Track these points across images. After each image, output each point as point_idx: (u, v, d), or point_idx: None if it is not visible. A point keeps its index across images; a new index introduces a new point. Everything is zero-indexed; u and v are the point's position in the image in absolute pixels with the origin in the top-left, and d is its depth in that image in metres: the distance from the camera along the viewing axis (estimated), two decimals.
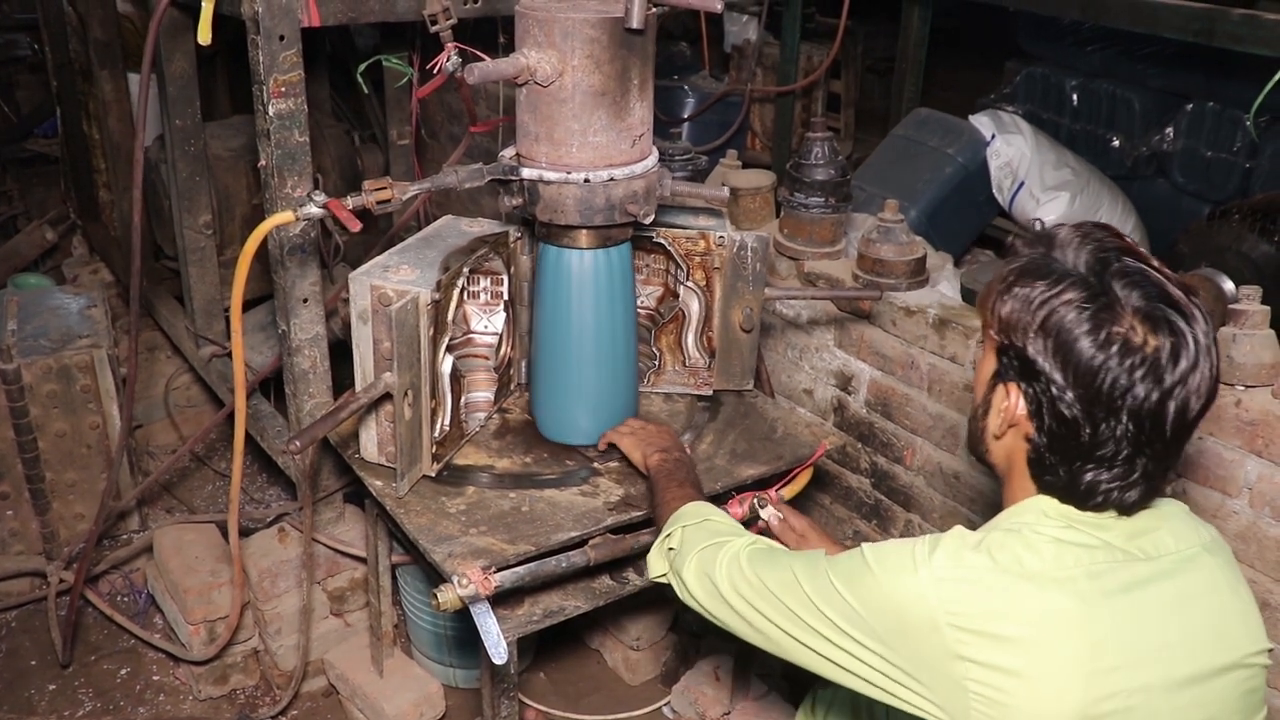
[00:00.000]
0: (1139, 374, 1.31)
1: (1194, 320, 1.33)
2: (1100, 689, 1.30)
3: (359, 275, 2.07)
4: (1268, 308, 2.13)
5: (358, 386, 2.11)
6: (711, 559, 1.64)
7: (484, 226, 2.35)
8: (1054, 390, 1.35)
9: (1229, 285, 2.96)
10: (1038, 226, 1.46)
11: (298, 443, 1.96)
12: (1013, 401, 1.42)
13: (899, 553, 1.41)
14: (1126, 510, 1.41)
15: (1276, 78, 2.77)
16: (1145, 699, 1.32)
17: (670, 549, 1.76)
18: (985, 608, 1.33)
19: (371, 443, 2.18)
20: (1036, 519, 1.42)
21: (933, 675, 1.34)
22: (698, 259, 2.38)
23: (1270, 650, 1.45)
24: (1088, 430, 1.34)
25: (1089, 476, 1.37)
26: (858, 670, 1.41)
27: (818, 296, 2.69)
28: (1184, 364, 1.31)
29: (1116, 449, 1.34)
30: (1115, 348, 1.30)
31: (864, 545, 1.46)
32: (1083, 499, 1.40)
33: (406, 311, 2.01)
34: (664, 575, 1.77)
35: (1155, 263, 1.38)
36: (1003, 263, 1.47)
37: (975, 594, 1.34)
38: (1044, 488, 1.44)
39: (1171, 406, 1.32)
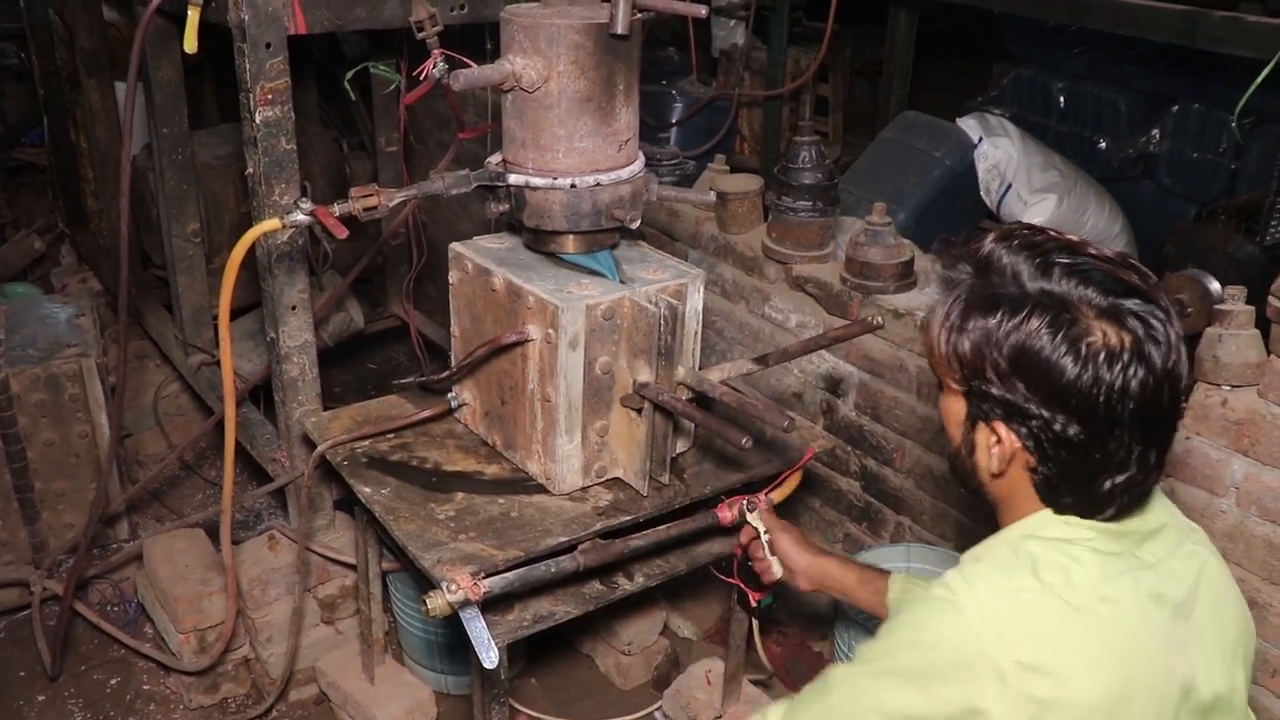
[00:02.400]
0: (1130, 372, 1.25)
1: (1152, 298, 1.28)
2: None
3: (574, 301, 1.98)
4: (1252, 308, 2.14)
5: (563, 422, 2.07)
6: None
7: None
8: (1056, 426, 1.28)
9: (1215, 285, 2.98)
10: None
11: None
12: (1005, 439, 1.34)
13: (931, 598, 1.33)
14: (1139, 503, 1.37)
15: (1259, 79, 2.78)
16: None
17: None
18: (1042, 639, 1.26)
19: (574, 465, 2.14)
20: (1064, 530, 1.35)
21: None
22: None
23: None
24: (1097, 451, 1.29)
25: (1105, 486, 1.31)
26: None
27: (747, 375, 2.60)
28: (1162, 345, 1.27)
29: (1128, 453, 1.29)
30: (1101, 358, 1.24)
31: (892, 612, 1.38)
32: (1100, 508, 1.34)
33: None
34: None
35: (1092, 249, 1.32)
36: (939, 297, 1.38)
37: (1028, 624, 1.26)
38: (1060, 509, 1.37)
39: (1165, 390, 1.28)
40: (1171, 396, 1.29)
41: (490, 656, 1.88)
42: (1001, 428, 1.33)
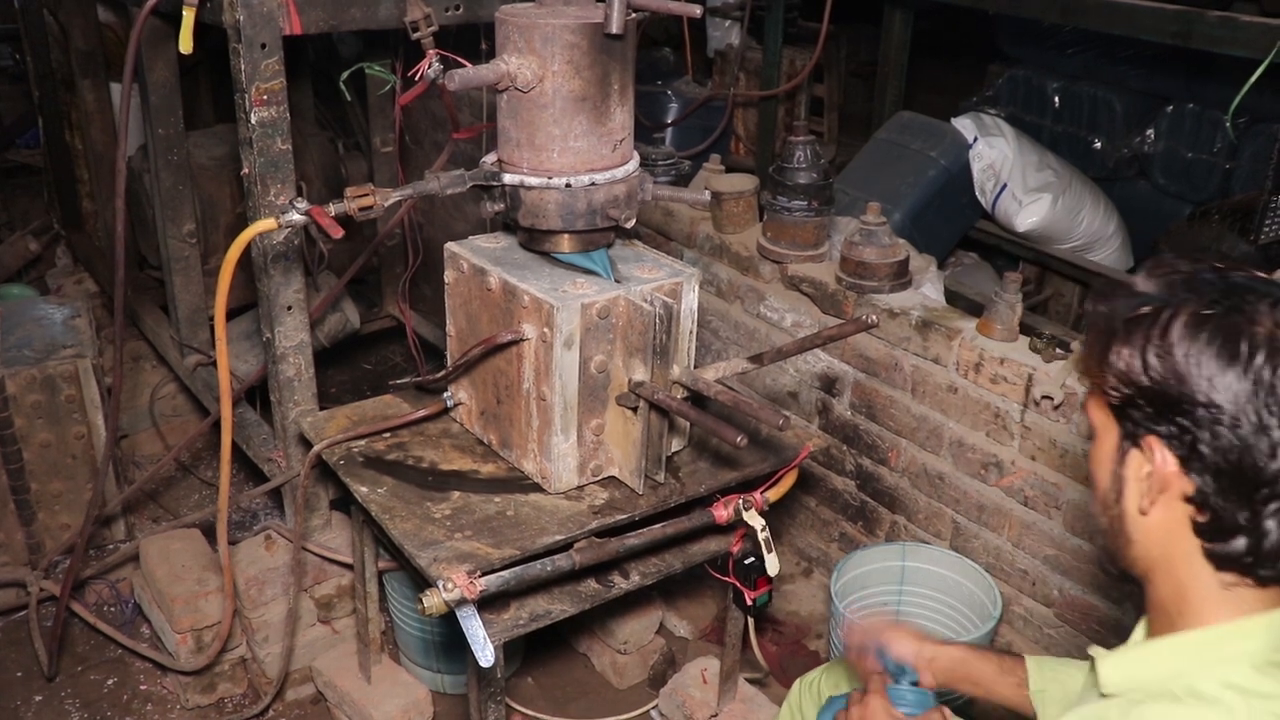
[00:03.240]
0: None
1: None
2: None
3: (569, 300, 1.98)
4: None
5: (558, 421, 2.07)
6: None
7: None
8: (1208, 414, 1.12)
9: None
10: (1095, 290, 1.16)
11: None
12: (1158, 458, 1.18)
13: None
14: None
15: (1253, 79, 2.79)
16: None
17: None
18: None
19: (570, 464, 2.14)
20: (1243, 676, 1.15)
21: None
22: None
23: None
24: (1264, 447, 1.11)
25: (1273, 521, 1.13)
26: None
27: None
28: None
29: None
30: (1262, 354, 1.10)
31: None
32: (1271, 558, 1.15)
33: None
34: None
35: (1251, 266, 1.21)
36: (1091, 328, 1.28)
37: None
38: (1222, 562, 1.18)
39: None
40: None
41: (486, 655, 1.88)
42: (1155, 444, 1.18)
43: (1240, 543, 1.15)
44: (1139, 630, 1.33)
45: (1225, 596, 1.19)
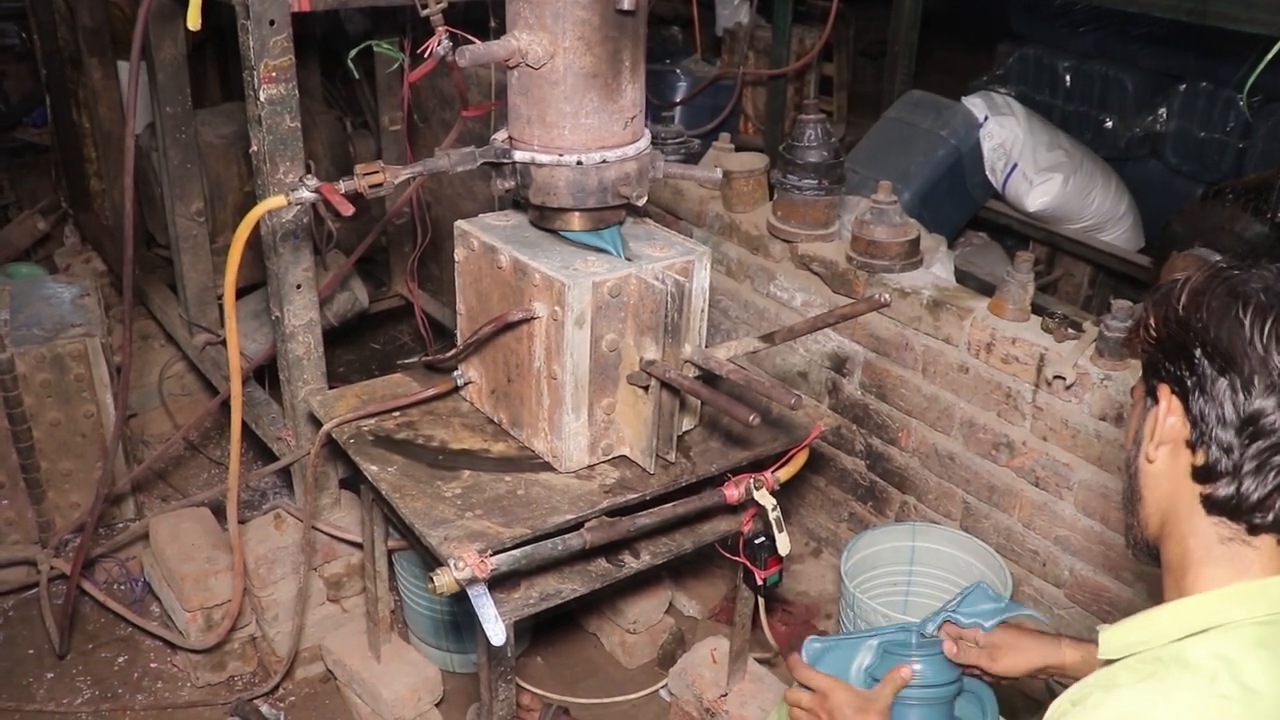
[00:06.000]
0: None
1: None
2: None
3: (580, 278, 1.97)
4: None
5: (569, 400, 2.05)
6: None
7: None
8: (1204, 356, 1.18)
9: None
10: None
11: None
12: (1163, 403, 1.25)
13: None
14: None
15: (1269, 56, 2.76)
16: None
17: None
18: None
19: (580, 443, 2.13)
20: (1238, 649, 1.15)
21: None
22: None
23: None
24: (1253, 390, 1.15)
25: (1252, 464, 1.16)
26: None
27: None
28: None
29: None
30: (1252, 306, 1.17)
31: None
32: (1258, 509, 1.18)
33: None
34: None
35: None
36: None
37: None
38: (1213, 506, 1.20)
39: None
40: None
41: (498, 633, 1.88)
42: (1164, 391, 1.24)
43: (1228, 486, 1.18)
44: None
45: (1224, 553, 1.21)
